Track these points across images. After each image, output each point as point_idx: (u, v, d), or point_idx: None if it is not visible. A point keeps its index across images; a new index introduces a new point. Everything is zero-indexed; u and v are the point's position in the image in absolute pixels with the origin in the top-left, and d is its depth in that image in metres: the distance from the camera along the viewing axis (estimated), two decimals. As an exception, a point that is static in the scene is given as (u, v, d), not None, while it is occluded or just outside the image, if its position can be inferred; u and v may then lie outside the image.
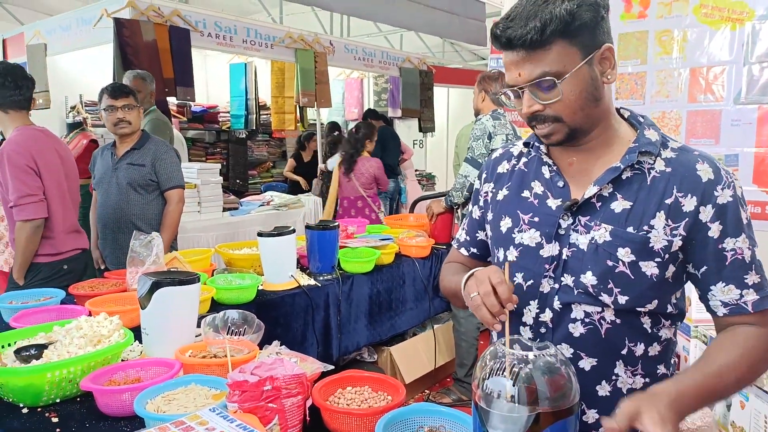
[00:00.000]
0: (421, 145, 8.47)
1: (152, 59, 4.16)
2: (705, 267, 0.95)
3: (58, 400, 1.32)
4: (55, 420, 1.24)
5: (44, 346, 1.42)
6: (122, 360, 1.49)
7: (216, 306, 2.06)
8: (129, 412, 1.23)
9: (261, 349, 1.49)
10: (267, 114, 6.90)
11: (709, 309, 0.98)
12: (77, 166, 2.71)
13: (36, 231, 2.36)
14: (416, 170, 7.23)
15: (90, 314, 1.71)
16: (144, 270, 1.95)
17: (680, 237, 0.93)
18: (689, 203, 0.93)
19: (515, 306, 0.93)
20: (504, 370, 0.85)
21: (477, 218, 1.19)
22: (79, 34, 4.59)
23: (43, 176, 2.39)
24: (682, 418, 0.85)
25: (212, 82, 7.14)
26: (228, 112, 6.84)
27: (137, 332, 1.57)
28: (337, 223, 2.59)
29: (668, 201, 0.93)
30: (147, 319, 1.51)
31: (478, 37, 6.28)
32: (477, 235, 1.20)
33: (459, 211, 3.31)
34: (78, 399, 1.34)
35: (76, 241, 2.57)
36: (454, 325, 3.33)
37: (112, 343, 1.44)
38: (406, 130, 7.72)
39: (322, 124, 6.78)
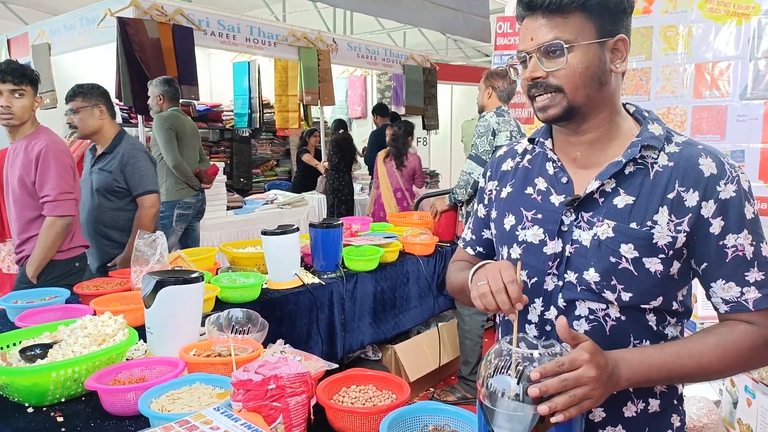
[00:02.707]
0: (424, 143, 8.45)
1: (156, 58, 4.17)
2: (706, 264, 0.93)
3: (63, 400, 1.32)
4: (60, 419, 1.25)
5: (49, 346, 1.42)
6: (127, 359, 1.50)
7: (220, 305, 2.06)
8: (134, 411, 1.23)
9: (265, 347, 1.49)
10: (270, 112, 6.90)
11: (713, 306, 0.96)
12: (80, 167, 2.73)
13: (66, 228, 2.41)
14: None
15: (95, 313, 1.71)
16: (148, 269, 1.95)
17: (684, 233, 0.92)
18: (691, 198, 0.91)
19: (524, 305, 0.92)
20: (510, 369, 0.84)
21: (482, 217, 1.18)
22: (83, 34, 4.61)
23: (75, 176, 2.48)
24: (618, 380, 0.87)
25: (216, 80, 7.15)
26: (231, 111, 6.85)
27: (142, 331, 1.57)
28: (340, 222, 2.59)
29: (671, 196, 0.92)
30: (151, 318, 1.51)
31: (483, 34, 6.25)
32: (483, 233, 1.19)
33: (463, 208, 3.30)
34: (83, 398, 1.35)
35: (82, 239, 2.61)
36: (458, 323, 3.33)
37: (116, 342, 1.44)
38: (410, 128, 7.70)
39: (325, 122, 6.78)
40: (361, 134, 8.50)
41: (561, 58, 0.92)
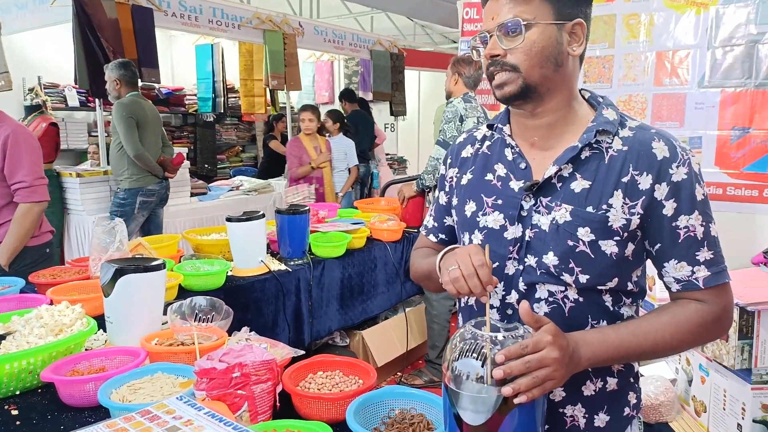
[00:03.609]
0: (392, 129, 8.44)
1: (114, 40, 4.03)
2: (659, 244, 0.96)
3: (17, 392, 1.28)
4: (15, 413, 1.21)
5: (2, 337, 1.37)
6: (86, 349, 1.46)
7: (184, 293, 2.02)
8: (93, 402, 1.20)
9: (230, 335, 1.47)
10: (235, 97, 6.77)
11: (665, 285, 1.00)
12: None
13: (41, 214, 2.37)
14: (387, 154, 7.21)
15: (51, 303, 1.66)
16: (107, 257, 1.90)
17: (638, 215, 0.94)
18: (645, 181, 0.94)
19: (495, 287, 0.93)
20: (474, 352, 0.85)
21: (444, 204, 1.19)
22: (36, 13, 4.41)
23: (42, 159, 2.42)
24: (579, 361, 0.89)
25: (178, 63, 6.96)
26: (195, 95, 6.69)
27: (102, 321, 1.53)
28: (307, 208, 2.57)
29: (625, 179, 0.95)
30: (111, 307, 1.47)
31: (450, 19, 6.26)
32: (445, 220, 1.20)
33: (431, 194, 3.31)
34: (39, 390, 1.30)
35: (49, 224, 2.55)
36: (426, 307, 3.36)
37: (74, 332, 1.40)
38: (378, 114, 7.68)
39: (292, 107, 6.68)
40: (328, 120, 8.41)
41: (519, 37, 0.94)
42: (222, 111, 6.69)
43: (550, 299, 0.99)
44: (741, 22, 2.46)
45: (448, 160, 1.18)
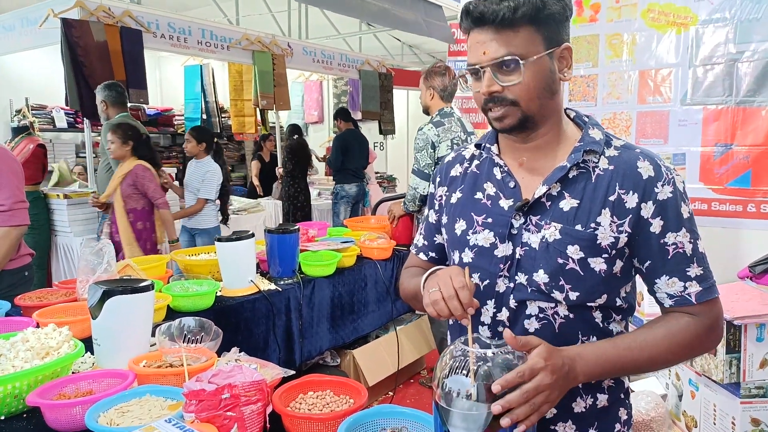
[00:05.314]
0: (381, 148, 8.49)
1: (103, 61, 4.04)
2: (649, 261, 0.98)
3: (2, 417, 1.25)
4: (-1, 438, 1.19)
5: (-13, 361, 1.34)
6: (73, 372, 1.43)
7: (173, 314, 2.00)
8: (80, 426, 1.18)
9: (219, 356, 1.45)
10: (225, 117, 6.80)
11: (657, 301, 1.01)
12: (24, 172, 2.61)
13: (20, 237, 2.32)
14: (377, 172, 7.24)
15: (38, 326, 1.64)
16: (95, 278, 1.88)
17: (626, 233, 0.96)
18: (631, 200, 0.96)
19: (476, 309, 0.93)
20: (464, 369, 0.85)
21: (434, 222, 1.19)
22: (23, 35, 4.41)
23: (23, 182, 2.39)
24: (575, 376, 0.90)
25: (167, 84, 6.99)
26: (183, 116, 6.70)
27: (90, 343, 1.51)
28: (297, 227, 2.57)
29: (612, 198, 0.96)
30: (98, 330, 1.45)
31: (445, 35, 6.29)
32: (435, 239, 1.20)
33: (423, 211, 3.32)
34: (24, 415, 1.28)
35: (27, 247, 2.51)
36: (430, 322, 3.35)
37: (61, 355, 1.38)
38: (367, 133, 7.73)
39: (281, 127, 6.71)
40: (317, 139, 8.47)
41: (515, 72, 0.94)
42: (218, 131, 6.72)
43: (541, 315, 0.99)
44: (720, 41, 2.53)
45: (437, 179, 1.19)
